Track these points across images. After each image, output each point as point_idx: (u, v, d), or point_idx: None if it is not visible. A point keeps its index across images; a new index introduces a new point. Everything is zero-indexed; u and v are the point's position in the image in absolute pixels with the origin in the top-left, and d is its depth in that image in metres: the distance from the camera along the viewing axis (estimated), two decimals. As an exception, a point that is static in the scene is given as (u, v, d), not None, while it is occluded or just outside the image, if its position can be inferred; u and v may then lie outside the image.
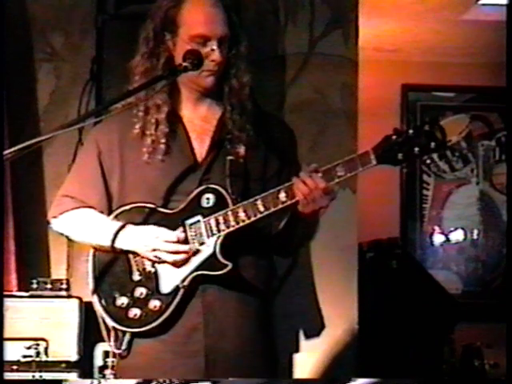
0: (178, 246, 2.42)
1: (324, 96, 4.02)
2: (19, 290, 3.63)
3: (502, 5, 3.50)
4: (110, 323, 2.48)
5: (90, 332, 3.56)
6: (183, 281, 2.43)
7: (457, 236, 5.84)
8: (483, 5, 4.82)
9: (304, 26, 4.02)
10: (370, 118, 4.92)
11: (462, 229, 5.85)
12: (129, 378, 2.46)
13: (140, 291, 2.45)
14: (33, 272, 3.73)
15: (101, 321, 2.51)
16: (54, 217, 2.61)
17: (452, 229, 5.85)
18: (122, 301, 2.46)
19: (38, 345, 3.41)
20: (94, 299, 2.50)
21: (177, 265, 2.43)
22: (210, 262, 2.42)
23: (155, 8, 2.54)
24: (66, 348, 3.45)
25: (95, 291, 2.50)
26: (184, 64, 2.43)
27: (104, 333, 2.51)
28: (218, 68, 2.48)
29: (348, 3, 4.07)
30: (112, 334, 2.49)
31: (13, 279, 3.67)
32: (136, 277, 2.47)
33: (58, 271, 3.84)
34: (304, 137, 3.70)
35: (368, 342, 4.16)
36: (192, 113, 2.56)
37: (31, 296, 3.53)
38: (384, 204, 5.67)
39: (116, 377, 2.59)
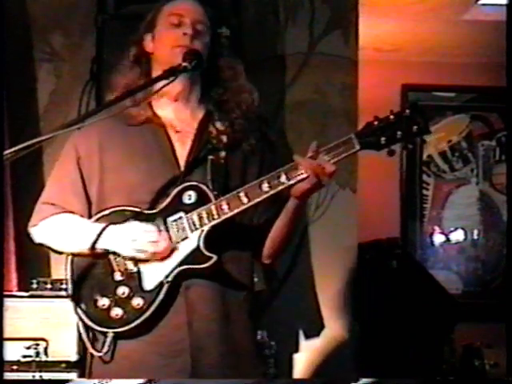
0: (156, 234, 2.40)
1: (324, 96, 4.03)
2: (19, 290, 3.64)
3: (501, 5, 3.51)
4: (91, 326, 2.45)
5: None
6: (167, 276, 2.40)
7: (457, 236, 5.84)
8: (483, 5, 4.82)
9: (304, 26, 4.02)
10: (370, 118, 4.92)
11: (462, 229, 5.84)
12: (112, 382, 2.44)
13: (122, 290, 2.42)
14: (33, 272, 3.73)
15: (80, 325, 2.47)
16: (34, 225, 2.57)
17: (452, 229, 5.85)
18: (104, 302, 2.43)
19: (37, 345, 3.41)
20: (72, 305, 2.47)
21: (158, 256, 2.41)
22: (194, 256, 2.40)
23: (131, 39, 2.62)
24: (65, 348, 3.45)
25: (73, 297, 2.47)
26: (184, 64, 2.43)
27: (84, 336, 2.47)
28: (190, 44, 2.48)
29: (348, 3, 4.08)
30: (90, 336, 2.47)
31: (13, 279, 3.67)
32: (118, 277, 2.44)
33: (58, 271, 3.83)
34: (304, 137, 3.71)
35: (368, 342, 4.16)
36: (174, 114, 2.55)
37: (31, 296, 3.53)
38: (384, 204, 5.67)
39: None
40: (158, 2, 2.60)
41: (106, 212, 2.48)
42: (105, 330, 2.44)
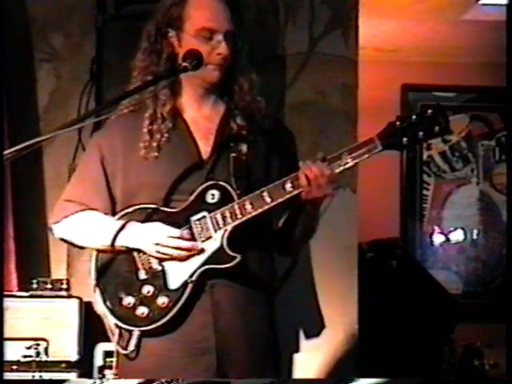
0: (180, 241, 2.41)
1: (324, 96, 4.02)
2: (19, 290, 3.64)
3: (502, 5, 3.50)
4: (118, 323, 2.46)
5: (90, 332, 3.57)
6: (191, 276, 2.42)
7: (457, 236, 5.84)
8: (483, 5, 4.82)
9: (304, 26, 4.02)
10: (370, 117, 4.91)
11: (462, 229, 5.85)
12: (136, 379, 2.44)
13: (147, 289, 2.44)
14: (33, 272, 3.73)
15: (106, 322, 2.50)
16: (56, 222, 2.59)
17: (452, 229, 5.85)
18: (129, 300, 2.45)
19: (38, 345, 3.41)
20: (99, 301, 2.49)
21: (182, 258, 2.42)
22: (218, 256, 2.42)
23: (159, 5, 2.54)
24: (65, 348, 3.45)
25: (99, 293, 2.49)
26: (184, 64, 2.43)
27: (110, 334, 2.50)
28: (223, 62, 2.48)
29: (348, 3, 4.07)
30: (117, 333, 2.48)
31: (13, 279, 3.67)
32: (142, 275, 2.46)
33: (58, 271, 3.84)
34: (304, 137, 3.70)
35: (368, 342, 4.16)
36: (196, 112, 2.56)
37: (31, 296, 3.53)
38: (384, 204, 5.67)
39: (119, 378, 2.57)
40: (158, 2, 2.59)
41: (130, 210, 2.50)
42: (131, 328, 2.45)
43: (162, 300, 2.43)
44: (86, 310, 3.58)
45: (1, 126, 3.46)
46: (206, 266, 2.42)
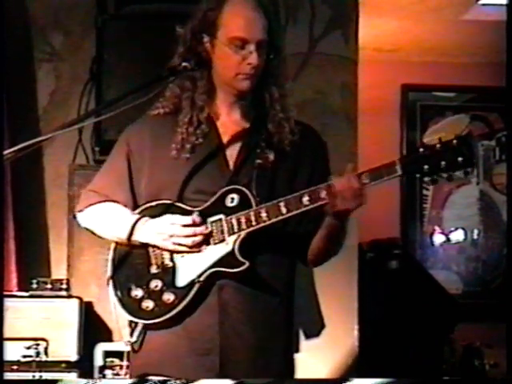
0: (194, 228, 2.43)
1: (324, 96, 4.03)
2: (19, 290, 3.64)
3: (502, 5, 3.50)
4: (123, 313, 2.49)
5: (89, 332, 3.57)
6: (199, 276, 2.43)
7: (457, 236, 5.84)
8: (483, 5, 4.82)
9: (304, 26, 4.02)
10: (370, 117, 4.93)
11: (462, 229, 5.84)
12: (142, 374, 2.47)
13: (155, 283, 2.46)
14: (33, 272, 3.73)
15: (113, 311, 2.51)
16: (80, 210, 2.63)
17: (452, 229, 5.85)
18: (137, 292, 2.47)
19: (38, 345, 3.41)
20: (110, 289, 2.51)
21: (195, 248, 2.43)
22: (228, 260, 2.43)
23: (195, 10, 2.55)
24: (66, 348, 3.46)
25: (112, 284, 2.51)
26: (184, 64, 2.44)
27: (114, 322, 2.51)
28: (254, 72, 2.47)
29: (348, 3, 4.08)
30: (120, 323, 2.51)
31: (13, 279, 3.68)
32: (153, 270, 2.48)
33: (58, 271, 3.84)
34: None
35: (368, 342, 4.16)
36: (226, 116, 2.57)
37: (31, 296, 3.54)
38: (384, 204, 5.67)
39: (129, 372, 2.59)
40: (158, 2, 2.59)
41: (153, 203, 2.52)
42: (135, 319, 2.47)
43: (168, 296, 2.44)
44: (86, 310, 3.59)
45: (1, 126, 3.46)
46: (215, 269, 2.44)
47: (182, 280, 2.45)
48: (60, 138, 2.26)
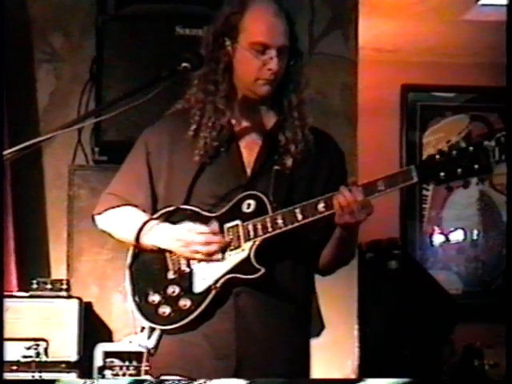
0: (212, 236, 2.43)
1: (324, 96, 4.03)
2: (19, 290, 3.64)
3: (502, 5, 3.50)
4: (140, 319, 2.49)
5: (90, 332, 3.57)
6: (216, 282, 2.43)
7: (457, 236, 5.84)
8: (483, 5, 4.82)
9: (304, 26, 4.02)
10: (370, 117, 4.93)
11: (462, 229, 5.85)
12: (160, 375, 2.48)
13: (172, 289, 2.46)
14: (33, 272, 3.73)
15: (131, 316, 2.51)
16: (99, 213, 2.62)
17: (452, 229, 5.85)
18: (154, 298, 2.47)
19: (38, 345, 3.41)
20: (129, 294, 2.51)
21: (211, 256, 2.43)
22: (244, 266, 2.43)
23: (218, 13, 2.54)
24: (65, 348, 3.45)
25: (130, 288, 2.51)
26: (184, 64, 2.43)
27: (134, 327, 2.51)
28: (274, 77, 2.47)
29: (348, 3, 4.08)
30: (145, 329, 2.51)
31: (13, 279, 3.67)
32: (171, 275, 2.48)
33: (58, 271, 3.84)
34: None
35: (368, 342, 4.16)
36: (245, 121, 2.56)
37: (31, 296, 3.53)
38: (384, 204, 5.66)
39: (148, 373, 2.59)
40: (158, 2, 2.59)
41: (171, 208, 2.51)
42: (152, 325, 2.48)
43: (185, 302, 2.45)
44: (86, 310, 3.59)
45: (1, 126, 3.46)
46: (231, 275, 2.44)
47: (198, 286, 2.45)
48: (60, 138, 2.26)
